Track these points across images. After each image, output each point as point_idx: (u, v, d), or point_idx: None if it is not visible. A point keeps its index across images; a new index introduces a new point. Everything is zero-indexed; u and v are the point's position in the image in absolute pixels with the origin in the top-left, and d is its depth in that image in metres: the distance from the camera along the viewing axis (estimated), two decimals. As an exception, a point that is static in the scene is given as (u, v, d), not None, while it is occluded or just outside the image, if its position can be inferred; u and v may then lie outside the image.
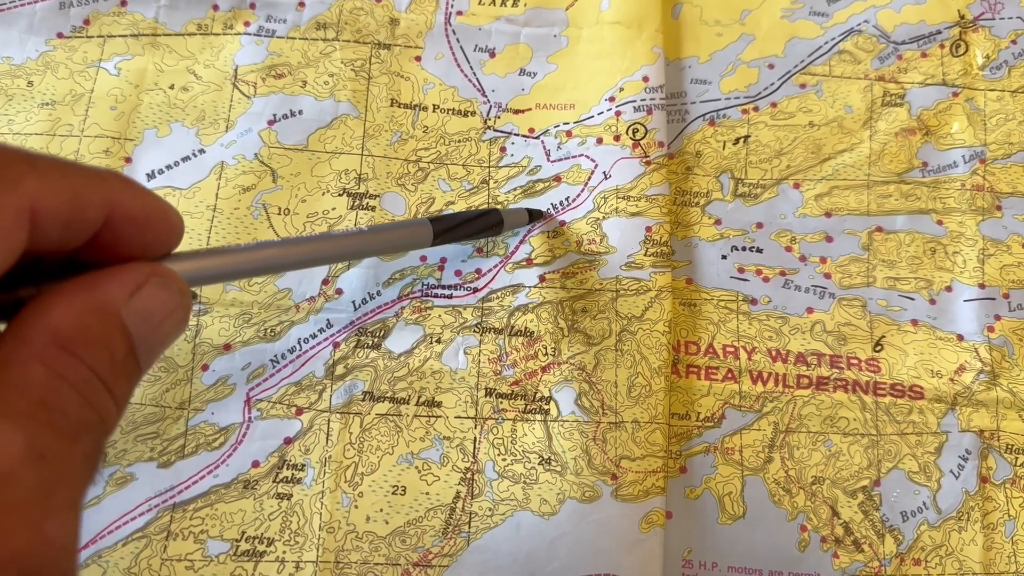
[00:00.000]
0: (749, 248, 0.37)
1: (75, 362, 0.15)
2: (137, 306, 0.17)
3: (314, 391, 0.35)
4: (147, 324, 0.17)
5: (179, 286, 0.18)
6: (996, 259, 0.37)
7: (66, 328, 0.16)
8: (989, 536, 0.34)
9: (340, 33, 0.39)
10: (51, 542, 0.14)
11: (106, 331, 0.16)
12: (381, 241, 0.30)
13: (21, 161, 0.15)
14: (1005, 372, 0.36)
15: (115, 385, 0.16)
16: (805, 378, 0.36)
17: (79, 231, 0.17)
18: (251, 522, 0.33)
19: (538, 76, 0.40)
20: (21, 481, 0.14)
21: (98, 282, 0.17)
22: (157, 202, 0.18)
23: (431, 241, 0.32)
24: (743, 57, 0.40)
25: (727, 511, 0.34)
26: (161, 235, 0.19)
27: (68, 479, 0.15)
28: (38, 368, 0.15)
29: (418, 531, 0.33)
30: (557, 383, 0.35)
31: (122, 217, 0.17)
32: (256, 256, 0.24)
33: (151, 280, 0.17)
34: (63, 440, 0.15)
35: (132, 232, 0.18)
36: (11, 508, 0.14)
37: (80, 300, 0.16)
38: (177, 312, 0.18)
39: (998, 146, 0.39)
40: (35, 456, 0.14)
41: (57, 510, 0.14)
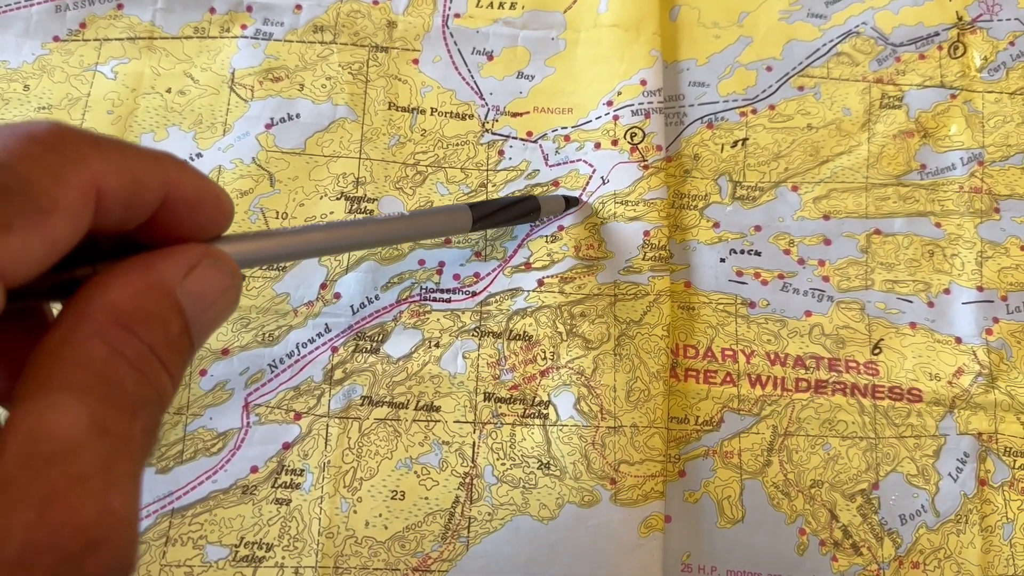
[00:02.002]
0: (747, 251, 0.37)
1: (133, 339, 0.16)
2: (191, 286, 0.17)
3: (312, 396, 0.35)
4: (200, 303, 0.18)
5: (230, 267, 0.19)
6: (994, 261, 0.37)
7: (124, 306, 0.16)
8: (987, 539, 0.34)
9: (337, 36, 0.39)
10: (116, 513, 0.14)
11: (162, 310, 0.17)
12: (422, 226, 0.31)
13: (86, 141, 0.16)
14: (1003, 375, 0.36)
15: (171, 362, 0.17)
16: (804, 381, 0.36)
17: (138, 211, 0.17)
18: (250, 527, 0.33)
19: (536, 79, 0.39)
20: (87, 453, 0.14)
21: (154, 262, 0.17)
22: (210, 184, 0.19)
23: (470, 226, 0.32)
24: (741, 59, 0.40)
25: (726, 515, 0.34)
26: (213, 217, 0.19)
27: (129, 453, 0.15)
28: (98, 345, 0.15)
29: (417, 536, 0.33)
30: (556, 387, 0.35)
31: (177, 198, 0.18)
32: (302, 239, 0.25)
33: (204, 261, 0.18)
34: (124, 415, 0.15)
35: (186, 213, 0.18)
36: (79, 479, 0.14)
37: (137, 279, 0.17)
38: (229, 292, 0.19)
39: (996, 148, 0.39)
40: (99, 430, 0.14)
41: (120, 482, 0.15)
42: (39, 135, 0.15)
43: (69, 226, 0.15)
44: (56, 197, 0.15)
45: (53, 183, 0.15)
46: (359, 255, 0.36)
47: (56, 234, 0.15)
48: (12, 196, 0.14)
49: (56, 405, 0.14)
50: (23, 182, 0.14)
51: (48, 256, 0.15)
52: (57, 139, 0.15)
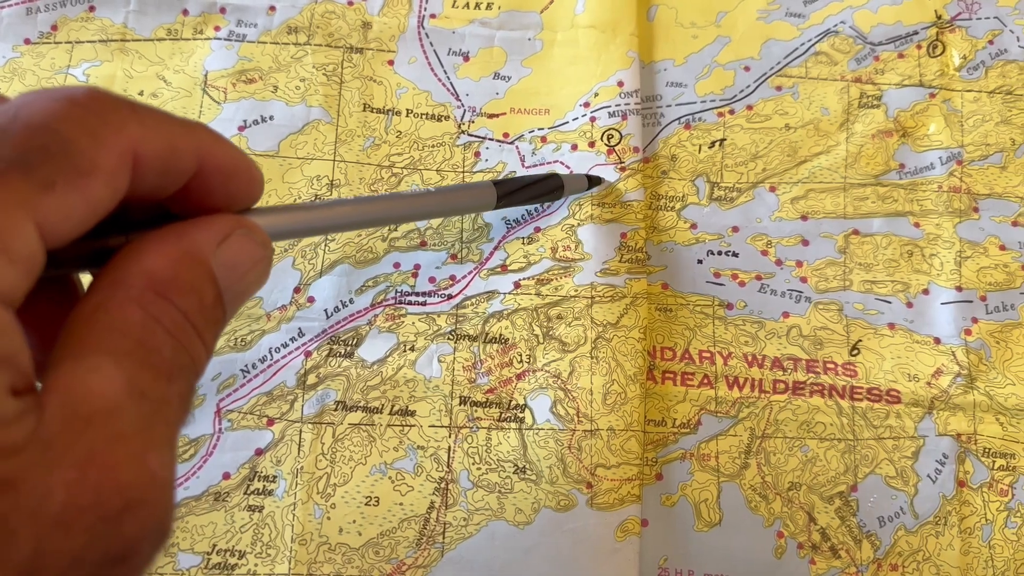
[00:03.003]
0: (725, 252, 0.37)
1: (169, 306, 0.16)
2: (225, 256, 0.17)
3: (285, 401, 0.34)
4: (233, 273, 0.18)
5: (262, 238, 0.19)
6: (973, 261, 0.37)
7: (160, 274, 0.16)
8: (966, 541, 0.34)
9: (312, 37, 0.39)
10: (154, 475, 0.14)
11: (197, 278, 0.17)
12: (447, 202, 0.31)
13: (125, 106, 0.16)
14: (982, 375, 0.36)
15: (205, 330, 0.17)
16: (781, 383, 0.35)
17: (173, 179, 0.17)
18: (222, 535, 0.33)
19: (512, 80, 0.39)
20: (125, 415, 0.14)
21: (187, 231, 0.17)
22: (243, 155, 0.19)
23: (495, 204, 0.33)
24: (719, 59, 0.40)
25: (703, 518, 0.34)
26: (245, 188, 0.19)
27: (166, 417, 0.15)
28: (135, 310, 0.15)
29: (392, 542, 0.33)
30: (532, 391, 0.35)
31: (211, 168, 0.18)
32: (330, 213, 0.25)
33: (237, 231, 0.18)
34: (161, 379, 0.15)
35: (219, 183, 0.18)
36: (118, 440, 0.14)
37: (172, 248, 0.17)
38: (260, 264, 0.19)
39: (975, 147, 0.39)
40: (136, 393, 0.15)
41: (158, 445, 0.15)
42: (78, 98, 0.15)
43: (108, 189, 0.15)
44: (95, 160, 0.15)
45: (92, 145, 0.15)
46: (333, 258, 0.36)
47: (95, 196, 0.15)
48: (53, 157, 0.14)
49: (94, 368, 0.14)
50: (64, 143, 0.14)
51: (87, 219, 0.15)
52: (96, 102, 0.15)
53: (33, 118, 0.14)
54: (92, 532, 0.13)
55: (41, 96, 0.15)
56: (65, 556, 0.13)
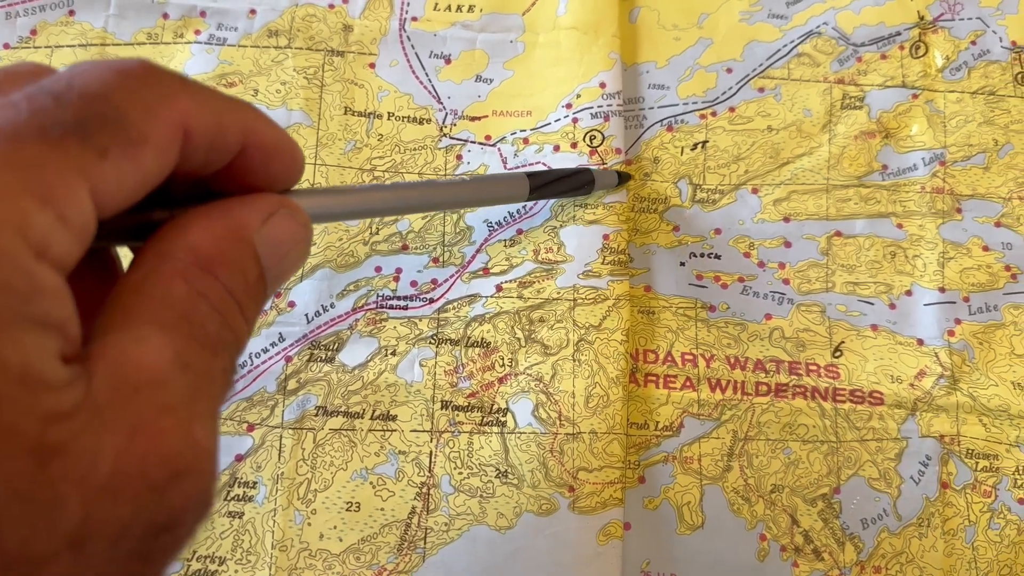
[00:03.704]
0: (707, 254, 0.37)
1: (214, 281, 0.16)
2: (268, 234, 0.18)
3: (266, 406, 0.34)
4: (276, 252, 0.18)
5: (304, 219, 0.19)
6: (956, 262, 0.37)
7: (205, 249, 0.16)
8: (950, 542, 0.34)
9: (292, 40, 0.39)
10: (200, 445, 0.14)
11: (241, 255, 0.17)
12: (482, 191, 0.32)
13: (175, 80, 0.16)
14: (965, 376, 0.36)
15: (247, 307, 0.17)
16: (764, 385, 0.35)
17: (219, 155, 0.17)
18: (202, 541, 0.33)
19: (495, 83, 0.39)
20: (171, 385, 0.14)
21: (232, 209, 0.17)
22: (287, 136, 0.19)
23: (527, 195, 0.33)
24: (701, 61, 0.40)
25: (686, 521, 0.34)
26: (287, 168, 0.19)
27: (210, 390, 0.15)
28: (181, 284, 0.15)
29: (373, 548, 0.33)
30: (514, 394, 0.34)
31: (255, 145, 0.18)
32: (368, 198, 0.25)
33: (280, 210, 0.18)
34: (206, 352, 0.15)
35: (262, 162, 0.18)
36: (165, 409, 0.14)
37: (217, 224, 0.17)
38: (301, 244, 0.19)
39: (958, 148, 0.39)
40: (182, 364, 0.15)
41: (203, 417, 0.15)
42: (132, 69, 0.15)
43: (158, 161, 0.15)
44: (147, 131, 0.15)
45: (145, 116, 0.15)
46: (314, 262, 0.36)
47: (146, 167, 0.15)
48: (108, 125, 0.14)
49: (141, 338, 0.14)
50: (118, 113, 0.14)
51: (137, 189, 0.15)
52: (149, 75, 0.15)
53: (88, 87, 0.14)
54: (139, 501, 0.13)
55: (95, 66, 0.15)
56: (113, 524, 0.13)
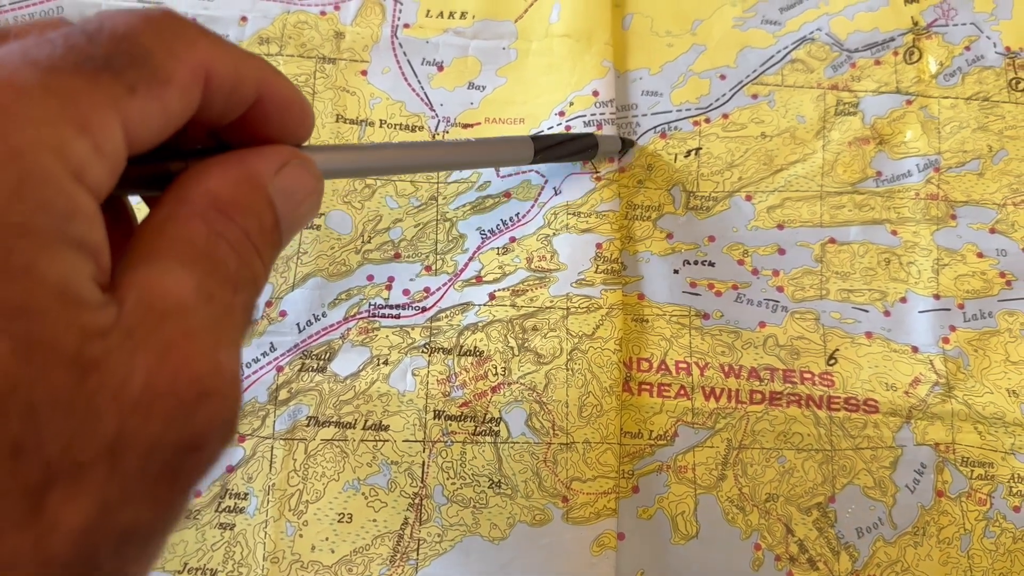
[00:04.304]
0: (701, 262, 0.37)
1: (232, 224, 0.17)
2: (282, 183, 0.18)
3: (257, 417, 0.34)
4: (289, 201, 0.18)
5: (315, 171, 0.20)
6: (951, 269, 0.37)
7: (222, 194, 0.17)
8: (945, 551, 0.34)
9: (284, 48, 0.38)
10: (225, 369, 0.15)
11: (256, 201, 0.18)
12: (487, 153, 0.33)
13: (196, 27, 0.17)
14: (960, 384, 0.36)
15: (264, 251, 0.18)
16: (758, 393, 0.35)
17: (236, 104, 0.18)
18: (193, 553, 0.32)
19: (487, 90, 0.39)
20: (196, 314, 0.15)
21: (246, 158, 0.18)
22: (298, 91, 0.19)
23: (532, 158, 0.33)
24: (694, 68, 0.40)
25: (680, 531, 0.34)
26: (299, 122, 0.20)
27: (232, 322, 0.16)
28: (200, 225, 0.16)
29: (365, 559, 0.33)
30: (507, 404, 0.34)
31: (269, 98, 0.18)
32: (376, 155, 0.26)
33: (293, 160, 0.19)
34: (226, 287, 0.16)
35: (275, 115, 0.19)
36: (191, 334, 0.15)
37: (233, 171, 0.17)
38: (313, 195, 0.19)
39: (952, 154, 0.39)
40: (205, 295, 0.15)
41: (227, 344, 0.15)
42: (156, 16, 0.16)
43: (182, 101, 0.16)
44: (172, 71, 0.16)
45: (169, 58, 0.16)
46: (305, 271, 0.36)
47: (171, 107, 0.16)
48: (135, 63, 0.15)
49: (166, 270, 0.15)
50: (144, 52, 0.15)
51: (162, 128, 0.16)
52: (172, 20, 0.16)
53: (117, 28, 0.15)
54: (169, 418, 0.14)
55: (122, 12, 0.16)
56: (145, 439, 0.14)
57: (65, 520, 0.13)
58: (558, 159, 0.35)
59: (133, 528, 0.14)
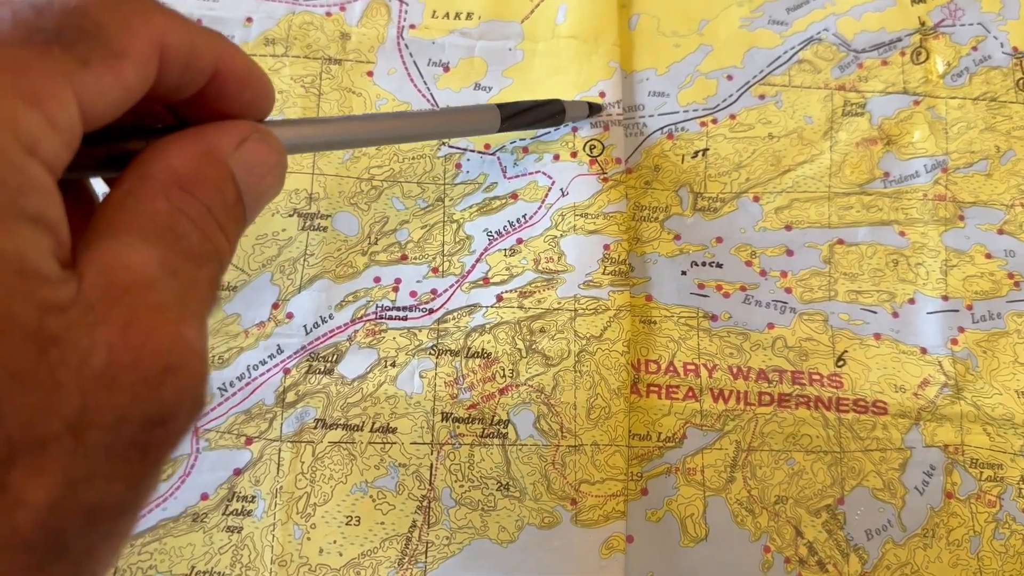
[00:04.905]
0: (709, 263, 0.37)
1: (193, 199, 0.16)
2: (243, 157, 0.18)
3: (264, 419, 0.34)
4: (252, 175, 0.18)
5: (277, 145, 0.20)
6: (959, 270, 0.37)
7: (183, 169, 0.17)
8: (955, 552, 0.34)
9: (289, 49, 0.38)
10: (190, 343, 0.15)
11: (217, 176, 0.17)
12: (453, 123, 0.32)
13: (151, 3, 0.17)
14: (969, 385, 0.36)
15: (227, 225, 0.17)
16: (767, 395, 0.35)
17: (193, 78, 0.18)
18: (201, 556, 0.32)
19: (493, 91, 0.39)
20: (160, 287, 0.15)
21: (206, 133, 0.18)
22: (256, 66, 0.19)
23: (499, 126, 0.33)
24: (701, 68, 0.39)
25: (689, 533, 0.34)
26: (259, 96, 0.20)
27: (197, 296, 0.16)
28: (162, 200, 0.16)
29: (373, 562, 0.32)
30: (515, 406, 0.34)
31: (227, 73, 0.18)
32: (341, 128, 0.25)
33: (253, 135, 0.19)
34: (190, 262, 0.16)
35: (234, 90, 0.19)
36: (155, 308, 0.15)
37: (193, 147, 0.17)
38: (276, 169, 0.19)
39: (960, 155, 0.39)
40: (169, 270, 0.15)
41: (192, 318, 0.15)
42: None
43: (138, 74, 0.16)
44: (127, 44, 0.15)
45: (123, 31, 0.15)
46: (312, 273, 0.35)
47: (126, 80, 0.15)
48: (88, 36, 0.15)
49: (128, 244, 0.15)
50: (97, 25, 0.15)
51: (119, 102, 0.16)
52: None
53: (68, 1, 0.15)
54: (134, 391, 0.14)
55: None
56: (111, 412, 0.13)
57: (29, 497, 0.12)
58: (526, 126, 0.35)
59: (101, 505, 0.14)
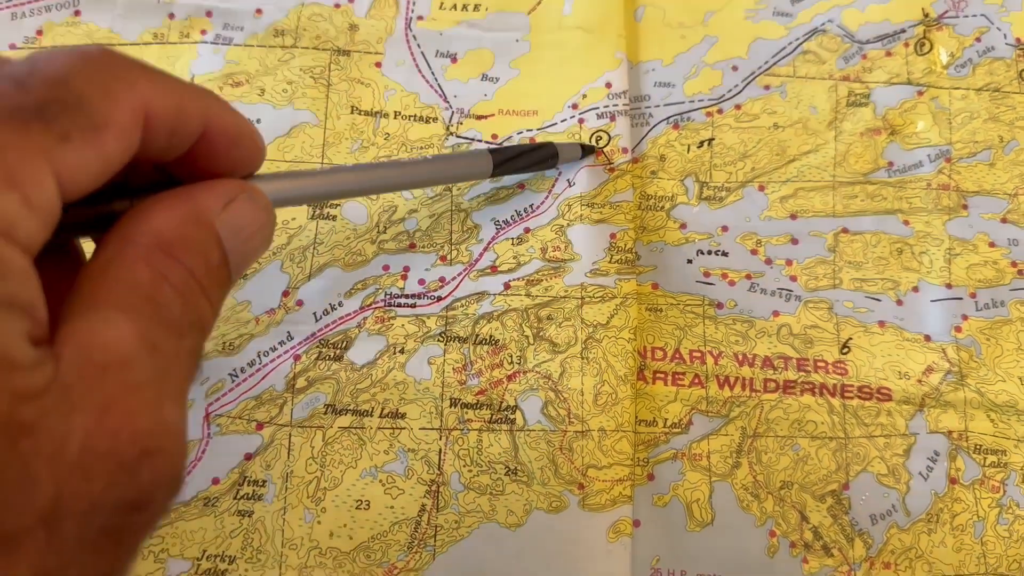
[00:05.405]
0: (715, 252, 0.37)
1: (177, 265, 0.16)
2: (229, 218, 0.18)
3: (275, 405, 0.34)
4: (238, 236, 0.18)
5: (265, 203, 0.19)
6: (963, 259, 0.37)
7: (167, 233, 0.16)
8: (959, 538, 0.34)
9: (298, 40, 0.39)
10: (169, 424, 0.15)
11: (202, 239, 0.17)
12: (444, 170, 0.32)
13: (135, 65, 0.16)
14: (973, 372, 0.36)
15: (211, 290, 0.17)
16: (772, 382, 0.35)
17: (180, 140, 0.17)
18: (212, 540, 0.33)
19: (500, 82, 0.39)
20: (139, 366, 0.14)
21: (192, 194, 0.17)
22: (247, 122, 0.19)
23: (491, 172, 0.33)
24: (707, 59, 0.40)
25: (695, 518, 0.34)
26: (248, 154, 0.19)
27: (178, 371, 0.16)
28: (144, 268, 0.16)
29: (383, 546, 0.33)
30: (523, 392, 0.34)
31: (216, 131, 0.18)
32: (331, 180, 0.25)
33: (241, 195, 0.18)
34: (171, 334, 0.16)
35: (223, 148, 0.18)
36: (133, 388, 0.14)
37: (178, 209, 0.17)
38: (264, 228, 0.19)
39: (963, 144, 0.39)
40: (148, 345, 0.15)
41: (171, 396, 0.15)
42: (92, 55, 0.15)
43: (120, 145, 0.15)
44: (109, 115, 0.15)
45: (106, 101, 0.15)
46: (321, 262, 0.36)
47: (108, 151, 0.15)
48: (68, 110, 0.14)
49: (107, 320, 0.15)
50: (79, 97, 0.15)
51: (100, 174, 0.15)
52: (109, 60, 0.16)
53: (49, 72, 0.15)
54: (110, 478, 0.13)
55: (55, 52, 0.15)
56: (84, 501, 0.13)
57: None
58: (518, 171, 0.35)
59: None
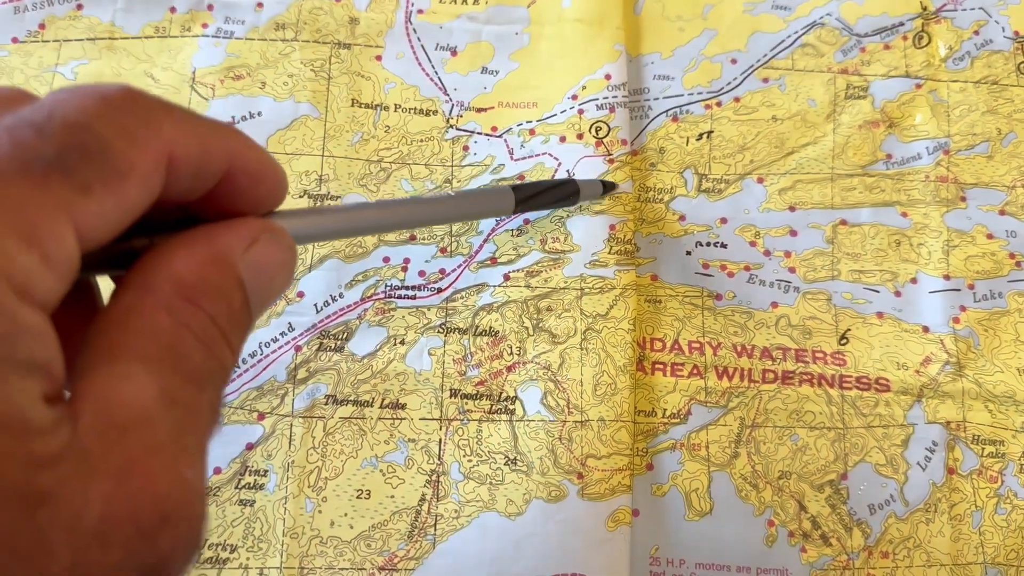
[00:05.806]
0: (713, 243, 0.37)
1: (198, 312, 0.16)
2: (252, 259, 0.17)
3: (276, 395, 0.34)
4: (261, 277, 0.17)
5: (288, 242, 0.19)
6: (961, 250, 0.37)
7: (188, 278, 0.16)
8: (957, 527, 0.34)
9: (299, 33, 0.39)
10: (188, 485, 0.14)
11: (225, 283, 0.16)
12: (467, 206, 0.32)
13: (159, 106, 0.16)
14: (971, 363, 0.36)
15: (232, 336, 0.16)
16: (771, 372, 0.36)
17: (204, 181, 0.17)
18: (214, 529, 0.33)
19: (500, 74, 0.39)
20: (158, 424, 0.14)
21: (215, 234, 0.17)
22: (270, 159, 0.18)
23: (513, 209, 0.33)
24: (706, 52, 0.40)
25: (694, 507, 0.34)
26: (271, 191, 0.19)
27: (198, 425, 0.15)
28: (164, 316, 0.15)
29: (383, 535, 0.33)
30: (523, 383, 0.35)
31: (240, 170, 0.17)
32: (353, 216, 0.25)
33: (264, 235, 0.18)
34: (192, 386, 0.15)
35: (246, 186, 0.18)
36: (153, 450, 0.14)
37: (200, 251, 0.16)
38: (287, 267, 0.19)
39: (961, 137, 0.39)
40: (168, 400, 0.14)
41: (191, 454, 0.14)
42: (113, 97, 0.15)
43: (142, 191, 0.15)
44: (132, 161, 0.14)
45: (129, 147, 0.14)
46: (322, 253, 0.36)
47: (130, 199, 0.15)
48: (91, 157, 0.14)
49: (126, 375, 0.14)
50: (101, 144, 0.14)
51: (121, 222, 0.15)
52: (131, 102, 0.15)
53: (69, 117, 0.14)
54: (129, 546, 0.13)
55: (75, 94, 0.14)
56: (102, 570, 0.13)
57: None
58: (540, 207, 0.35)
59: None
